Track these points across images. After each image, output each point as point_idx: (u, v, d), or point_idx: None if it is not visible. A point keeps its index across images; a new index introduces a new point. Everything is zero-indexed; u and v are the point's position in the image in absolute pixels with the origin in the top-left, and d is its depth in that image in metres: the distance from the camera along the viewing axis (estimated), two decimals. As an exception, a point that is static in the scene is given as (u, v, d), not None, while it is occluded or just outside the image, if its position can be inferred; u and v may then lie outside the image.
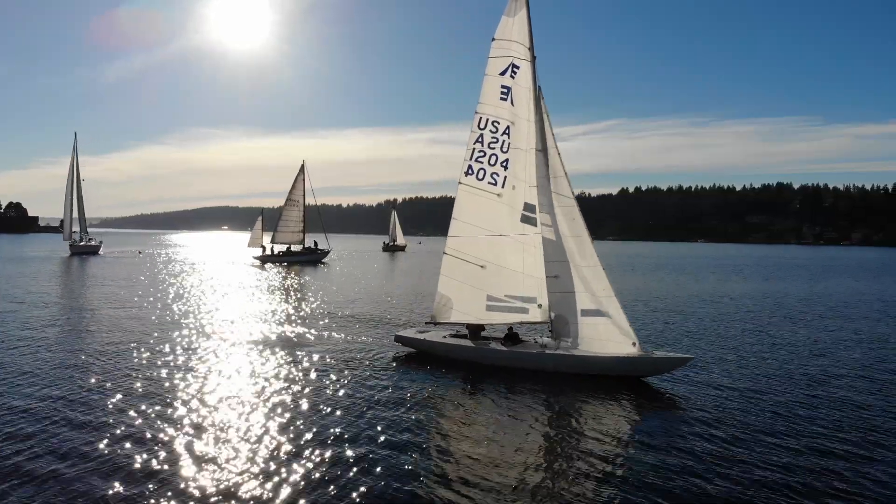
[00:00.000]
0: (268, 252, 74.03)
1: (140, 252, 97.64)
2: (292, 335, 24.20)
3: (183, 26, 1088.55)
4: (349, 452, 12.04)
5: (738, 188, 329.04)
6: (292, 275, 56.38)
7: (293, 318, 28.84)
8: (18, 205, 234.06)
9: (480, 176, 18.64)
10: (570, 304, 17.69)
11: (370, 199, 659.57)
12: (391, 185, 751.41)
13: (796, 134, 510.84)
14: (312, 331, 25.03)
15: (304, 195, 75.44)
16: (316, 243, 77.21)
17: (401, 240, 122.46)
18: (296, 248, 74.95)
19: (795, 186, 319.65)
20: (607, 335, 17.38)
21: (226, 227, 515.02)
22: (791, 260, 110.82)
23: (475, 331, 19.29)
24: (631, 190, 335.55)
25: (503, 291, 18.57)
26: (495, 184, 18.54)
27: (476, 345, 18.79)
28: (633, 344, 17.24)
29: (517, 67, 18.47)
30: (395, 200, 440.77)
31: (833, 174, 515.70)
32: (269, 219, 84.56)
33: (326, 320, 27.86)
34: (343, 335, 23.98)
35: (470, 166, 18.77)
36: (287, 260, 73.35)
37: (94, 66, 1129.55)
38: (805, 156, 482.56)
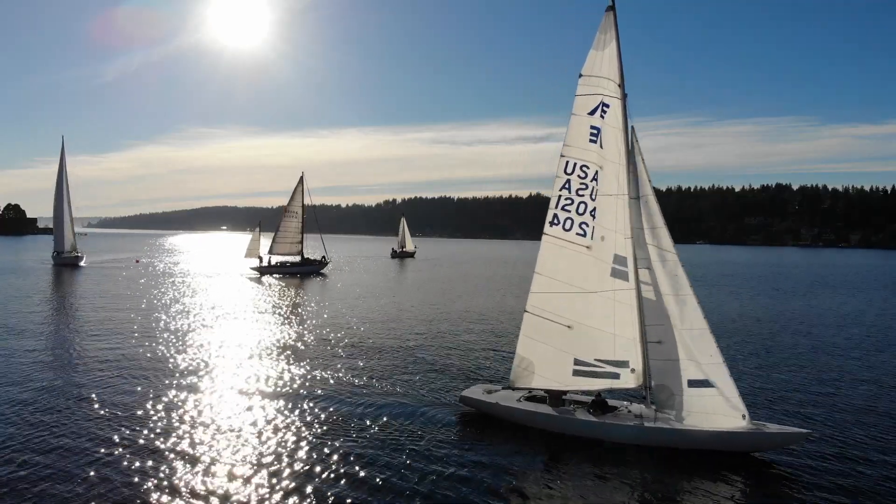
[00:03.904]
0: (265, 263, 72.47)
1: (137, 260, 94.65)
2: (325, 382, 21.84)
3: (182, 25, 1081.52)
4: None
5: (737, 189, 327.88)
6: (301, 293, 53.61)
7: (321, 357, 25.98)
8: (17, 206, 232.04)
9: (567, 226, 16.81)
10: (674, 373, 15.89)
11: (370, 199, 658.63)
12: (390, 184, 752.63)
13: (793, 134, 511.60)
14: (350, 377, 22.54)
15: (302, 206, 74.56)
16: (324, 257, 75.97)
17: (409, 246, 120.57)
18: (293, 259, 73.94)
19: (794, 187, 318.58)
20: (714, 407, 15.63)
21: (224, 228, 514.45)
22: (849, 269, 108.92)
23: (556, 395, 17.45)
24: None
25: (592, 355, 16.73)
26: (584, 235, 16.71)
27: (559, 412, 16.96)
28: (743, 417, 15.51)
29: (607, 106, 16.67)
30: (395, 200, 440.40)
31: (828, 174, 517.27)
32: (267, 219, 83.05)
33: (361, 361, 25.20)
34: (388, 385, 21.53)
35: (556, 216, 16.94)
36: (285, 271, 72.18)
37: (93, 64, 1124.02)
38: (801, 156, 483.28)
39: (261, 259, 72.83)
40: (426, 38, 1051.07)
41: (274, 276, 69.51)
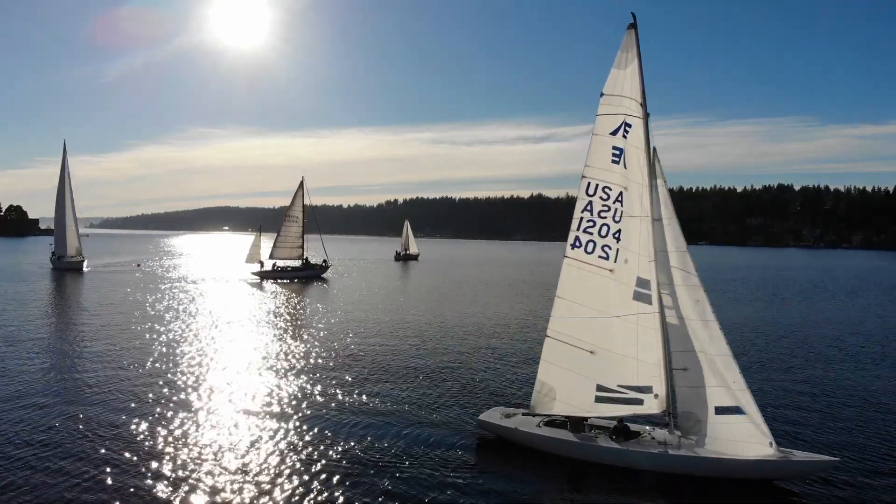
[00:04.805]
0: (266, 268, 72.26)
1: (138, 265, 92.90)
2: (330, 401, 21.19)
3: (183, 26, 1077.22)
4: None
5: (739, 189, 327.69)
6: (303, 300, 52.85)
7: (326, 373, 25.17)
8: (19, 207, 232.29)
9: (590, 249, 16.44)
10: (700, 399, 15.53)
11: (370, 200, 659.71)
12: (391, 185, 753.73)
13: (794, 134, 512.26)
14: (358, 396, 21.94)
15: (303, 210, 74.72)
16: (325, 260, 75.81)
17: (413, 248, 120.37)
18: (294, 263, 74.03)
19: (796, 188, 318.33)
20: (740, 434, 15.27)
21: (226, 228, 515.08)
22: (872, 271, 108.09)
23: (577, 421, 17.07)
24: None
25: (615, 381, 16.37)
26: (607, 258, 16.35)
27: (581, 438, 16.58)
28: (770, 444, 15.15)
29: (629, 126, 16.31)
30: (397, 201, 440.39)
31: (830, 175, 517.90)
32: (268, 220, 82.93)
33: (369, 378, 24.40)
34: (398, 405, 20.84)
35: (577, 238, 16.57)
36: (286, 276, 72.08)
37: (94, 64, 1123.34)
38: (802, 156, 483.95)
39: (262, 264, 72.59)
40: (426, 38, 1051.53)
41: (276, 281, 69.17)
